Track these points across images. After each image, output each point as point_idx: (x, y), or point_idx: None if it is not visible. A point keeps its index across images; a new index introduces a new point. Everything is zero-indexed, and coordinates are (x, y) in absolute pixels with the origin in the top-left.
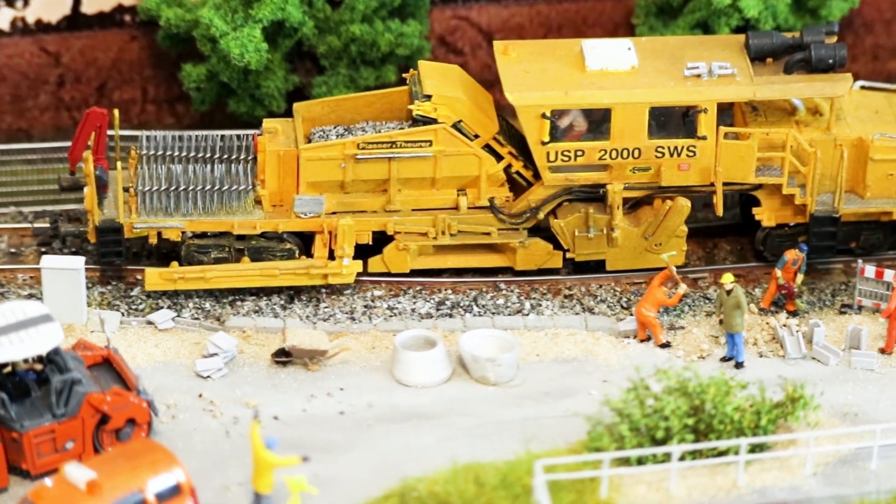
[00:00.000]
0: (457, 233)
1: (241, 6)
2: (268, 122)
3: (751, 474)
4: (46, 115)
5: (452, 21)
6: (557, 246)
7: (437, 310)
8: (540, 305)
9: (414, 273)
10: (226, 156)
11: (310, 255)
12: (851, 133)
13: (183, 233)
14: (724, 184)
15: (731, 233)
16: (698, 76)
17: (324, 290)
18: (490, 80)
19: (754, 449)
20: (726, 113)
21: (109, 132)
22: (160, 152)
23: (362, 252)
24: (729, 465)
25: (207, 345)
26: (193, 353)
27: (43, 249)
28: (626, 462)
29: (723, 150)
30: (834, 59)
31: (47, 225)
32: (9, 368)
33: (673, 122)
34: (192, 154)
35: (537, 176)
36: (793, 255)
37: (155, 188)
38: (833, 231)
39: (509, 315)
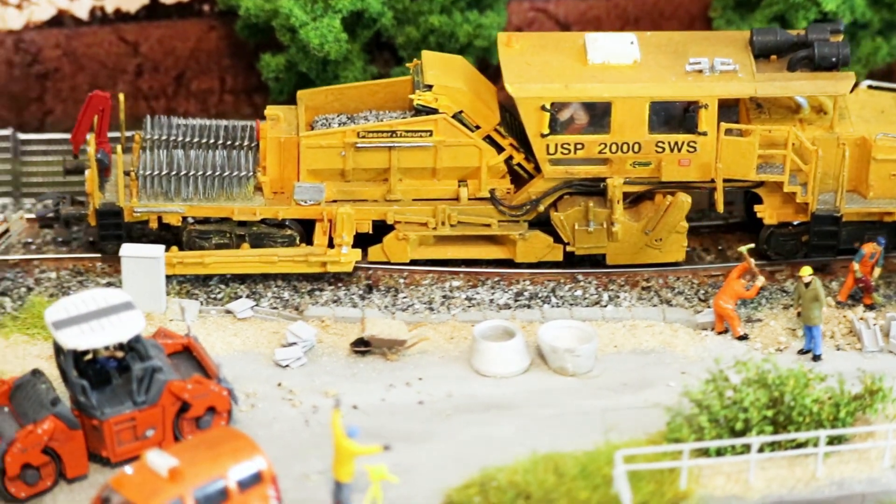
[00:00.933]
0: (457, 224)
1: None
2: (270, 109)
3: (829, 466)
4: (125, 105)
5: (530, 13)
6: (559, 239)
7: (516, 300)
8: (618, 297)
9: (493, 264)
10: (229, 142)
11: (311, 243)
12: (855, 132)
13: (184, 218)
14: (725, 180)
15: (738, 230)
16: (700, 72)
17: (402, 280)
18: None
19: (833, 441)
20: (732, 110)
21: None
22: (164, 137)
23: (365, 241)
24: (808, 456)
25: (286, 334)
26: (272, 342)
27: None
28: (705, 453)
29: (723, 146)
30: (837, 57)
31: (49, 207)
32: (90, 356)
33: (673, 117)
34: (196, 140)
35: (539, 168)
36: (870, 249)
37: (156, 172)
38: (834, 230)
39: (587, 306)
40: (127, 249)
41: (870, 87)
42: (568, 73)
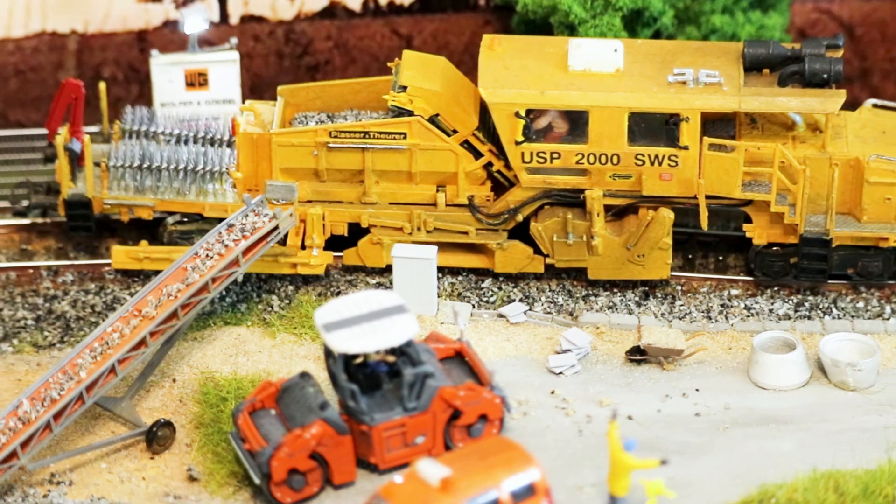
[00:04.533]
0: (433, 230)
1: None
2: (246, 104)
3: None
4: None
5: (813, 14)
6: (540, 251)
7: (796, 311)
8: None
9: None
10: (208, 136)
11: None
12: (849, 152)
13: (164, 217)
14: (710, 197)
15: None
16: (683, 83)
17: (679, 288)
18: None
19: None
20: (730, 123)
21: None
22: (142, 128)
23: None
24: None
25: (560, 340)
26: (545, 348)
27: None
28: None
29: (707, 161)
30: (829, 73)
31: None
32: (360, 359)
33: (654, 129)
34: (172, 132)
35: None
36: None
37: (127, 164)
38: (823, 254)
39: (869, 319)
40: (398, 250)
41: (874, 105)
42: (546, 80)
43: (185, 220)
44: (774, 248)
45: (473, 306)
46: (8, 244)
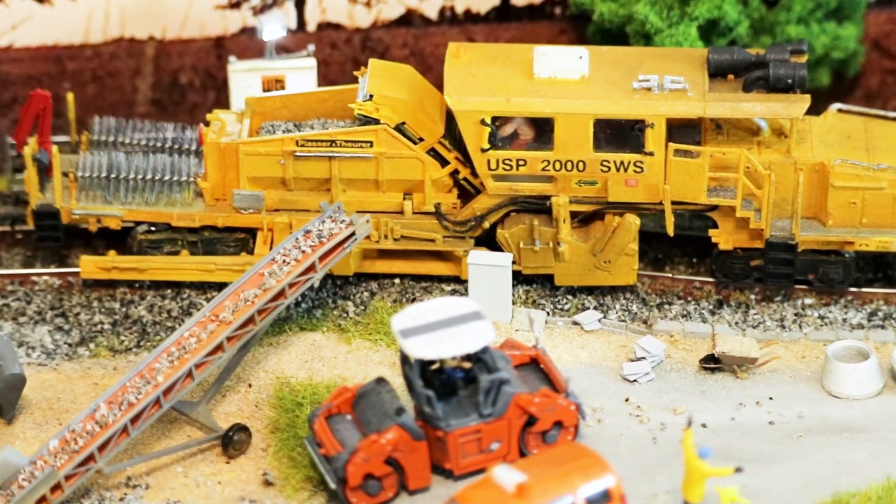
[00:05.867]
0: (400, 238)
1: (678, 3)
2: (213, 114)
3: None
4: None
5: (887, 25)
6: None
7: (869, 320)
8: None
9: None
10: (175, 146)
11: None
12: (814, 157)
13: (133, 226)
14: (676, 203)
15: None
16: (648, 89)
17: (752, 297)
18: None
19: None
20: (695, 130)
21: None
22: (110, 138)
23: None
24: None
25: (635, 348)
26: (620, 356)
27: None
28: None
29: (672, 167)
30: (793, 79)
31: None
32: (437, 365)
33: (619, 135)
34: (140, 142)
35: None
36: None
37: (95, 174)
38: (789, 258)
39: None
40: (474, 257)
41: (840, 110)
42: (511, 87)
43: (154, 229)
44: (735, 251)
45: (548, 314)
46: None
